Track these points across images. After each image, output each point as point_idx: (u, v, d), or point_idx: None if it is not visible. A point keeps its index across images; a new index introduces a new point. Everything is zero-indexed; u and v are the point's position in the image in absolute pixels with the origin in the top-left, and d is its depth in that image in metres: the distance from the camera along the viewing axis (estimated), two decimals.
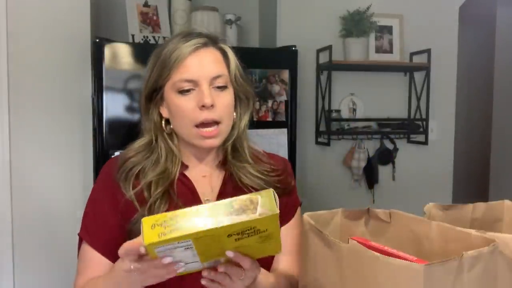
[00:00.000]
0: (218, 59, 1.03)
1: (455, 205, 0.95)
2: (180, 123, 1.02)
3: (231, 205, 0.74)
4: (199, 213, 0.74)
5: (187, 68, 0.99)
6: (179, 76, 1.00)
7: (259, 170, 1.08)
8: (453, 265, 0.65)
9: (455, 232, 0.78)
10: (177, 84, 1.00)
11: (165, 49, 1.02)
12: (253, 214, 0.73)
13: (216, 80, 1.01)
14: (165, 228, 0.73)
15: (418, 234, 0.84)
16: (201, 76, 0.99)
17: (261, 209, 0.73)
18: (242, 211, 0.73)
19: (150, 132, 1.06)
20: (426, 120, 2.87)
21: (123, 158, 1.06)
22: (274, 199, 0.74)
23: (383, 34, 2.86)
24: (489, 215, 0.96)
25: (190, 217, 0.73)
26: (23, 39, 2.18)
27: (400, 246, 0.78)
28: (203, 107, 0.98)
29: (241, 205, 0.74)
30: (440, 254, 0.78)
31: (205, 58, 1.01)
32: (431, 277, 0.63)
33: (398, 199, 2.83)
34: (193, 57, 1.00)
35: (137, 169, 1.03)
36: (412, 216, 0.87)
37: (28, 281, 2.23)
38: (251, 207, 0.73)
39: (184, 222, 0.73)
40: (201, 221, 0.73)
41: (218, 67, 1.02)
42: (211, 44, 1.03)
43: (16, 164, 2.19)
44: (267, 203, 0.73)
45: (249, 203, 0.74)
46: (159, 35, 2.44)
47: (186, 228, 0.72)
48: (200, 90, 0.99)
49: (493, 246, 0.69)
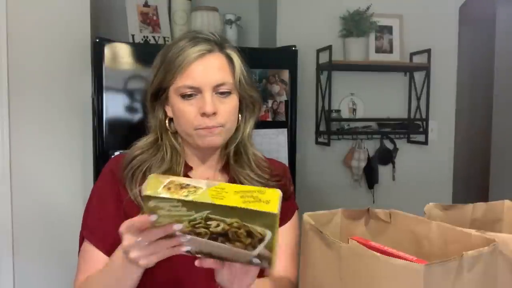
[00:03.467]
0: (223, 66, 1.02)
1: (455, 205, 0.96)
2: (181, 126, 1.03)
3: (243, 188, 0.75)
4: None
5: (191, 74, 0.99)
6: (183, 81, 1.00)
7: (260, 175, 1.08)
8: (453, 265, 0.65)
9: (455, 232, 0.78)
10: (180, 89, 1.00)
11: (171, 51, 1.02)
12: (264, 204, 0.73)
13: (220, 88, 1.01)
14: (171, 188, 0.74)
15: (418, 234, 0.84)
16: (204, 83, 0.99)
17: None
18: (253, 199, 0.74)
19: (156, 130, 1.07)
20: (426, 120, 2.87)
21: (129, 157, 1.06)
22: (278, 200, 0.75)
23: (383, 34, 2.86)
24: (489, 215, 0.96)
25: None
26: (23, 39, 2.18)
27: (400, 246, 0.78)
28: (204, 115, 0.98)
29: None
30: (440, 254, 0.78)
31: (210, 64, 1.01)
32: (431, 277, 0.63)
33: (398, 199, 2.83)
34: (197, 63, 1.00)
35: (144, 167, 1.03)
36: (412, 216, 0.87)
37: (28, 281, 2.23)
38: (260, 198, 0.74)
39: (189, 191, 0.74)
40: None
41: (222, 74, 1.01)
42: (217, 50, 1.03)
43: (16, 164, 2.19)
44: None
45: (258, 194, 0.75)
46: (159, 35, 2.44)
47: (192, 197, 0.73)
48: (203, 96, 0.99)
49: (493, 246, 0.69)
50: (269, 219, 0.73)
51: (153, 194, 0.73)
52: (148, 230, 0.77)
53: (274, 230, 0.74)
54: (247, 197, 0.73)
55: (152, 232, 0.77)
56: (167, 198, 0.73)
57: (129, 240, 0.79)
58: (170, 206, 0.74)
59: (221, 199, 0.73)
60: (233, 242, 0.76)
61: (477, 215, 0.95)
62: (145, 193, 0.74)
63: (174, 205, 0.74)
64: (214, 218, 0.74)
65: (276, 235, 0.75)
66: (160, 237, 0.77)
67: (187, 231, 0.76)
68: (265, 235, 0.75)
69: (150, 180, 0.75)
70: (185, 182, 0.75)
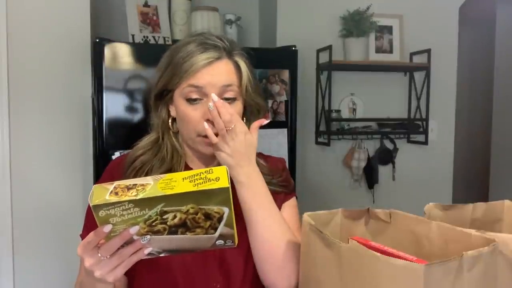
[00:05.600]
0: (230, 71, 1.02)
1: (455, 205, 0.95)
2: (184, 130, 1.03)
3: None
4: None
5: (197, 79, 0.99)
6: (189, 86, 0.99)
7: (262, 173, 1.08)
8: (453, 265, 0.65)
9: (455, 232, 0.78)
10: (185, 93, 1.00)
11: (178, 55, 1.01)
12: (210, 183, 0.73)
13: (225, 91, 1.00)
14: (118, 193, 0.72)
15: (418, 234, 0.84)
16: (209, 87, 0.99)
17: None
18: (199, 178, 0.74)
19: (158, 129, 1.07)
20: (426, 120, 2.87)
21: (131, 158, 1.06)
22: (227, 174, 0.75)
23: (383, 34, 2.86)
24: (489, 215, 0.96)
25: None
26: (23, 39, 2.18)
27: (400, 246, 0.78)
28: (208, 121, 0.97)
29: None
30: (440, 254, 0.78)
31: (217, 70, 1.00)
32: (431, 277, 0.63)
33: (398, 199, 2.83)
34: (205, 71, 0.99)
35: (146, 168, 1.03)
36: (412, 216, 0.87)
37: (28, 281, 2.23)
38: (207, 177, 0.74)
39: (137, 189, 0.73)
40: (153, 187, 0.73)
41: (228, 78, 1.01)
42: (225, 57, 1.02)
43: (16, 164, 2.18)
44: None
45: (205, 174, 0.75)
46: (159, 35, 2.44)
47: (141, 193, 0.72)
48: (208, 101, 0.98)
49: (493, 246, 0.69)
50: (223, 194, 0.73)
51: (101, 202, 0.70)
52: (105, 244, 0.76)
53: (230, 205, 0.75)
54: (197, 180, 0.73)
55: (110, 244, 0.76)
56: (116, 202, 0.71)
57: (89, 261, 0.78)
58: (122, 210, 0.72)
59: (171, 188, 0.72)
60: (193, 230, 0.76)
61: (477, 215, 0.95)
62: (93, 203, 0.71)
63: (125, 208, 0.72)
64: (169, 211, 0.73)
65: (232, 210, 0.75)
66: (119, 246, 0.76)
67: (144, 232, 0.75)
68: (223, 213, 0.75)
69: (94, 190, 0.73)
70: (131, 183, 0.74)
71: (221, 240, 0.79)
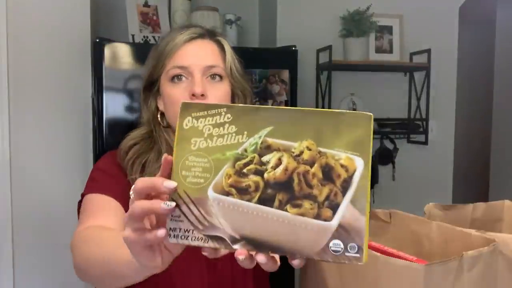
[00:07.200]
0: (214, 51, 1.02)
1: (455, 205, 0.96)
2: (171, 114, 1.00)
3: None
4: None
5: (180, 55, 0.99)
6: (172, 63, 0.99)
7: None
8: (453, 265, 0.65)
9: (455, 232, 0.78)
10: (169, 72, 0.99)
11: (162, 42, 1.03)
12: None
13: (210, 70, 0.99)
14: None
15: (418, 234, 0.84)
16: (193, 64, 0.98)
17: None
18: None
19: (149, 123, 1.06)
20: (426, 120, 2.87)
21: (125, 147, 1.03)
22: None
23: (383, 34, 2.86)
24: (489, 215, 0.96)
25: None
26: (23, 39, 2.18)
27: (400, 246, 0.78)
28: (193, 96, 0.95)
29: None
30: (440, 254, 0.78)
31: (200, 47, 1.00)
32: (431, 277, 0.63)
33: (398, 199, 2.83)
34: (187, 46, 0.99)
35: (143, 160, 1.01)
36: (412, 216, 0.87)
37: (28, 281, 2.23)
38: None
39: None
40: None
41: (213, 58, 1.00)
42: (208, 36, 1.02)
43: (16, 164, 2.18)
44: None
45: None
46: (159, 35, 2.44)
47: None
48: (192, 79, 0.97)
49: (493, 246, 0.69)
50: (363, 127, 0.45)
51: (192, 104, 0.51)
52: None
53: (367, 156, 0.46)
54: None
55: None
56: (211, 106, 0.50)
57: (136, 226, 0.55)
58: (213, 125, 0.50)
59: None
60: (297, 204, 0.45)
61: (477, 215, 0.95)
62: (182, 102, 0.52)
63: (218, 123, 0.50)
64: (274, 147, 0.47)
65: (369, 166, 0.46)
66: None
67: (227, 187, 0.46)
68: (354, 169, 0.46)
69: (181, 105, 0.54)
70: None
71: (338, 240, 0.45)
